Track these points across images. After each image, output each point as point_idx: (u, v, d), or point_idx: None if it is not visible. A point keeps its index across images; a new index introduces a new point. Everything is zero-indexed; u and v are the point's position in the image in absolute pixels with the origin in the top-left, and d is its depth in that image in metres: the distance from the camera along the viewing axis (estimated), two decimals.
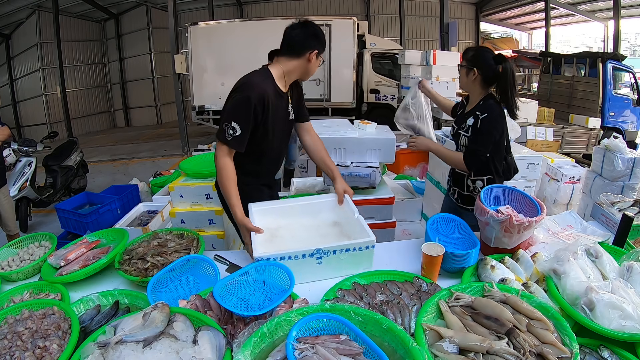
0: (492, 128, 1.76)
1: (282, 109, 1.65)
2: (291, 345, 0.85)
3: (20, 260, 1.60)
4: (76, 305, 1.23)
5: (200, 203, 2.23)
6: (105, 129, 13.06)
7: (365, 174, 2.38)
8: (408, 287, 1.25)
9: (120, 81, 13.37)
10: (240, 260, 1.51)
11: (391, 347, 0.90)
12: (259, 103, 1.51)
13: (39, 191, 4.44)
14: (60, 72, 10.11)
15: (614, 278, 1.19)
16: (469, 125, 1.83)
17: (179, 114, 7.95)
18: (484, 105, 1.81)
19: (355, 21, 8.06)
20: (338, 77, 8.16)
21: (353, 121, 2.82)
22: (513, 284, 1.20)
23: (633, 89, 7.00)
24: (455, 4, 13.47)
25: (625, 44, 17.36)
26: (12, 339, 1.05)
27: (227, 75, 8.18)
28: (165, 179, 4.59)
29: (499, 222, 1.36)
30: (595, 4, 12.30)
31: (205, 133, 10.08)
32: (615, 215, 1.65)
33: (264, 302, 1.16)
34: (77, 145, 5.16)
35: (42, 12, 10.65)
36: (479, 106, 1.82)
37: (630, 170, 3.20)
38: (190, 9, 12.75)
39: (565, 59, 7.88)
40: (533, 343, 0.93)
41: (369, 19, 13.24)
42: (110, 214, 3.53)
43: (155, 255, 1.50)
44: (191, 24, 8.12)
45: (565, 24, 15.44)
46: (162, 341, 0.92)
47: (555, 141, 5.60)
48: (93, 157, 7.87)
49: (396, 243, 1.73)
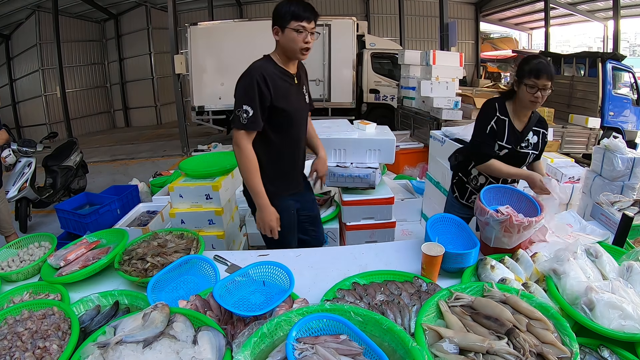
0: None
1: (291, 88, 1.66)
2: (291, 346, 0.85)
3: (20, 260, 1.60)
4: (76, 306, 1.23)
5: (200, 203, 2.23)
6: (105, 129, 13.06)
7: (365, 175, 2.38)
8: (408, 287, 1.25)
9: (119, 81, 13.38)
10: (240, 261, 1.51)
11: (391, 347, 0.90)
12: (261, 80, 1.54)
13: (39, 192, 4.43)
14: (60, 73, 10.11)
15: (613, 278, 1.19)
16: (534, 143, 1.83)
17: (179, 114, 7.95)
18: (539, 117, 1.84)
19: (355, 21, 8.06)
20: (338, 77, 8.16)
21: (353, 121, 2.82)
22: (513, 284, 1.20)
23: (633, 89, 7.00)
24: (455, 4, 13.46)
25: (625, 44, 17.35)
26: (12, 340, 1.05)
27: (227, 76, 8.18)
28: (165, 179, 4.58)
29: (499, 222, 1.36)
30: (594, 3, 12.31)
31: (205, 133, 10.08)
32: (614, 215, 1.65)
33: (263, 302, 1.16)
34: (77, 146, 5.15)
35: (41, 13, 10.65)
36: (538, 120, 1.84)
37: (630, 170, 3.20)
38: (189, 9, 12.74)
39: (565, 59, 7.88)
40: (533, 343, 0.93)
41: (369, 19, 13.23)
42: (110, 214, 3.53)
43: (155, 256, 1.50)
44: (191, 24, 8.12)
45: (564, 24, 15.43)
46: (162, 341, 0.92)
47: (555, 141, 5.60)
48: (93, 158, 7.86)
49: (396, 243, 1.73)
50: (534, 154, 1.84)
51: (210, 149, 6.36)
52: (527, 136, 1.81)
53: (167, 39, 8.26)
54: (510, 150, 1.80)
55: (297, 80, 1.70)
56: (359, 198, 2.38)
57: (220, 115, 8.52)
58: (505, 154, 1.80)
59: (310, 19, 1.55)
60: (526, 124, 1.81)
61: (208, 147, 6.51)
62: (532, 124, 1.81)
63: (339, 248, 1.90)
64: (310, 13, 1.55)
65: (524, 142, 1.81)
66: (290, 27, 1.53)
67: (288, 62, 1.65)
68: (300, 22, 1.53)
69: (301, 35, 1.54)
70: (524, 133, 1.81)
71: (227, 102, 8.32)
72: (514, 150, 1.80)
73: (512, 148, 1.79)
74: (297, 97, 1.70)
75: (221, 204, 2.20)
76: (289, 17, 1.52)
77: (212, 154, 2.81)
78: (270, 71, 1.58)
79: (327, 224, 2.35)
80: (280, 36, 1.57)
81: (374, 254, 1.55)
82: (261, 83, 1.54)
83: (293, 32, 1.54)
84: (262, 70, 1.56)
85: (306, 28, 1.54)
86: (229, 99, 9.38)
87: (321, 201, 2.51)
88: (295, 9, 1.52)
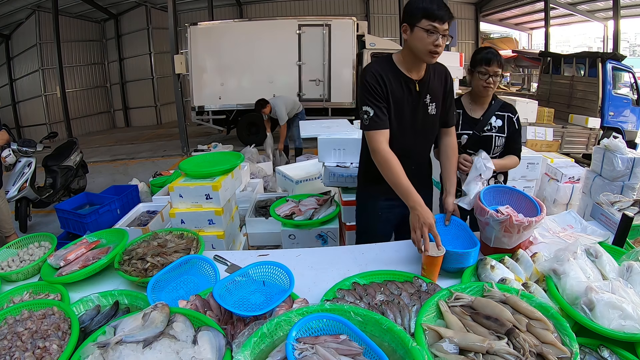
0: None
1: (409, 95, 1.54)
2: (291, 346, 0.85)
3: (20, 260, 1.60)
4: (76, 306, 1.23)
5: (200, 203, 2.22)
6: (105, 129, 13.06)
7: None
8: (408, 287, 1.25)
9: (119, 81, 13.38)
10: (240, 261, 1.51)
11: (391, 347, 0.90)
12: (375, 81, 1.48)
13: (39, 191, 4.43)
14: (60, 73, 10.11)
15: (613, 278, 1.19)
16: (498, 126, 1.95)
17: (179, 114, 7.95)
18: (502, 103, 1.97)
19: (354, 21, 8.06)
20: (338, 77, 8.17)
21: (353, 121, 2.82)
22: (513, 284, 1.20)
23: (633, 89, 7.00)
24: (455, 4, 13.46)
25: (625, 44, 17.35)
26: (12, 340, 1.05)
27: (227, 76, 8.20)
28: (165, 179, 4.58)
29: (499, 222, 1.36)
30: (594, 3, 12.31)
31: (205, 133, 10.08)
32: (615, 215, 1.65)
33: (263, 302, 1.16)
34: (77, 146, 5.15)
35: (41, 13, 10.65)
36: (501, 106, 1.96)
37: (630, 170, 3.21)
38: (189, 9, 12.75)
39: (565, 59, 7.89)
40: (533, 343, 0.93)
41: (369, 19, 13.23)
42: (110, 214, 3.53)
43: (155, 256, 1.50)
44: (191, 24, 8.13)
45: (564, 24, 15.45)
46: (162, 341, 0.92)
47: (555, 141, 5.60)
48: (93, 158, 7.86)
49: (396, 243, 1.73)
50: (499, 136, 1.97)
51: (210, 149, 6.35)
52: (490, 120, 1.96)
53: (167, 39, 8.28)
54: (472, 135, 1.96)
55: (419, 87, 1.55)
56: None
57: (220, 115, 8.53)
58: (468, 140, 1.96)
59: (443, 19, 1.38)
60: (487, 109, 1.97)
61: (208, 147, 6.50)
62: (495, 109, 1.96)
63: (339, 248, 1.90)
64: (445, 12, 1.39)
65: (487, 126, 1.96)
66: (420, 25, 1.39)
67: (413, 65, 1.52)
68: (433, 21, 1.38)
69: (432, 36, 1.39)
70: (485, 118, 1.96)
71: (227, 102, 8.33)
72: (477, 134, 1.96)
73: (473, 133, 1.96)
74: (413, 108, 1.56)
75: (221, 204, 2.20)
76: (421, 14, 1.38)
77: (212, 154, 2.81)
78: (386, 71, 1.50)
79: (327, 224, 2.35)
80: (408, 35, 1.44)
81: (374, 254, 1.55)
82: (375, 84, 1.48)
83: (423, 31, 1.39)
84: (376, 70, 1.50)
85: (438, 29, 1.39)
86: (229, 99, 9.42)
87: (321, 201, 2.51)
88: (429, 6, 1.38)
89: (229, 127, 8.68)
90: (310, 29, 7.96)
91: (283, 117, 5.61)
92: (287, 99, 5.92)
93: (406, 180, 1.46)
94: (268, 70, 8.01)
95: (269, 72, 8.02)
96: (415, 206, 1.42)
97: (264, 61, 7.95)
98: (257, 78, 8.08)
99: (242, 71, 8.13)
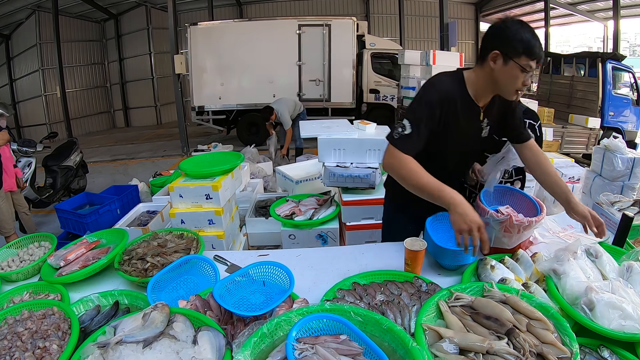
0: None
1: (469, 120, 1.42)
2: (291, 346, 0.85)
3: (20, 260, 1.60)
4: (76, 306, 1.22)
5: (200, 203, 2.22)
6: (105, 129, 13.07)
7: (365, 175, 2.38)
8: (408, 287, 1.25)
9: (119, 81, 13.38)
10: (240, 261, 1.51)
11: (391, 347, 0.90)
12: (438, 104, 1.33)
13: (39, 191, 4.43)
14: (60, 73, 10.12)
15: (613, 278, 1.19)
16: None
17: (179, 114, 7.95)
18: (525, 109, 1.84)
19: (354, 21, 8.07)
20: (338, 77, 8.17)
21: (353, 121, 2.82)
22: (513, 284, 1.20)
23: (633, 89, 7.00)
24: (455, 4, 13.48)
25: (625, 44, 17.36)
26: (12, 340, 1.05)
27: (227, 76, 8.21)
28: (165, 179, 4.58)
29: (499, 222, 1.36)
30: (594, 3, 12.31)
31: (205, 133, 10.08)
32: (615, 215, 1.65)
33: (263, 302, 1.16)
34: (77, 146, 5.15)
35: (41, 13, 10.65)
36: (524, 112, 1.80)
37: (630, 170, 3.21)
38: (189, 9, 12.75)
39: (565, 59, 7.89)
40: (533, 343, 0.93)
41: (369, 19, 13.24)
42: (110, 214, 3.53)
43: (155, 256, 1.50)
44: (191, 24, 8.14)
45: (564, 23, 15.45)
46: (162, 341, 0.92)
47: (555, 141, 5.61)
48: (93, 158, 7.86)
49: (396, 243, 1.72)
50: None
51: (210, 149, 6.35)
52: None
53: (167, 39, 8.28)
54: None
55: (482, 116, 1.44)
56: (359, 198, 2.38)
57: (220, 115, 8.54)
58: None
59: (540, 60, 1.27)
60: None
61: (208, 147, 6.49)
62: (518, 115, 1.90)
63: (339, 248, 1.90)
64: (542, 52, 1.28)
65: None
66: (518, 61, 1.25)
67: (484, 92, 1.39)
68: (532, 60, 1.25)
69: (524, 75, 1.27)
70: None
71: (227, 102, 8.34)
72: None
73: None
74: (469, 128, 1.44)
75: (221, 204, 2.20)
76: (522, 49, 1.24)
77: (212, 154, 2.81)
78: (456, 93, 1.35)
79: (327, 224, 2.35)
80: (499, 65, 1.28)
81: (374, 254, 1.55)
82: (437, 108, 1.33)
83: (518, 69, 1.26)
84: (445, 88, 1.35)
85: (532, 69, 1.27)
86: (229, 99, 9.43)
87: (321, 201, 2.51)
88: (532, 42, 1.24)
89: (229, 127, 8.68)
90: (310, 29, 7.96)
91: (287, 121, 5.61)
92: (288, 101, 5.89)
93: (432, 178, 1.28)
94: (268, 70, 8.01)
95: (269, 72, 8.03)
96: (455, 203, 1.24)
97: (264, 61, 7.95)
98: (257, 78, 8.09)
99: (242, 71, 8.14)
